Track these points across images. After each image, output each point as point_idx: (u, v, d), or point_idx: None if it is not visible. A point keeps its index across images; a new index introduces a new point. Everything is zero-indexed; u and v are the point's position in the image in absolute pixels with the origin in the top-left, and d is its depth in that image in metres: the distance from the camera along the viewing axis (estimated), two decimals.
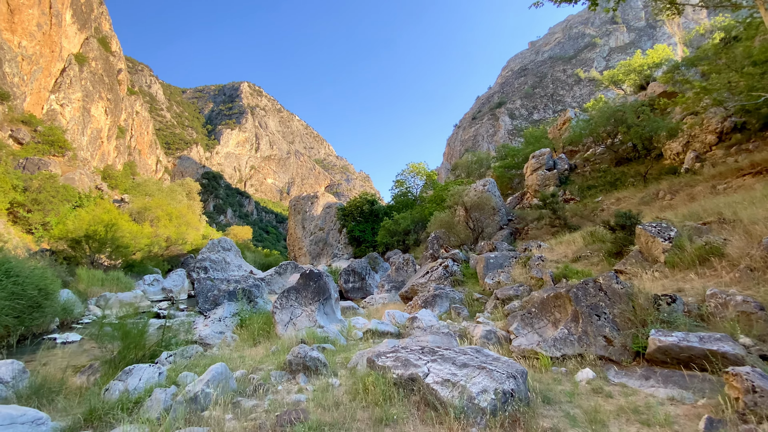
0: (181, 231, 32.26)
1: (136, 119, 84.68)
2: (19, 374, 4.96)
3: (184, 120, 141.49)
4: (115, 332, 6.28)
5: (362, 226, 41.08)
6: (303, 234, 48.34)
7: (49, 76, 45.29)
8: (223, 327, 9.59)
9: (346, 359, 5.21)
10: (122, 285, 19.54)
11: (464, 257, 11.61)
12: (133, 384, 4.40)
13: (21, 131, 32.31)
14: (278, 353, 5.64)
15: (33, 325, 10.74)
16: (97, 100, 58.10)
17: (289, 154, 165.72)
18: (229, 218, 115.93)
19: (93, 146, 56.43)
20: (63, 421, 3.93)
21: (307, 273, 8.35)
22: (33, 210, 24.07)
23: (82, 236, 21.03)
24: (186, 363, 5.02)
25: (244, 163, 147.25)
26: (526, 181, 21.83)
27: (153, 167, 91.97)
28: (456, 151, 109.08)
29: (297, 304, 8.05)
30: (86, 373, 6.20)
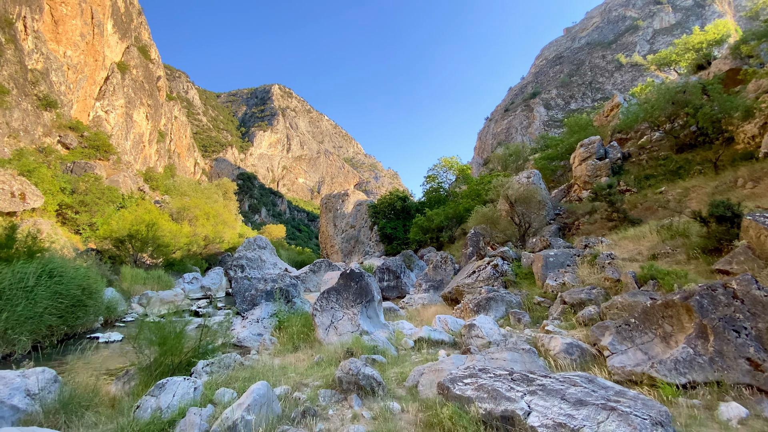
0: (218, 230, 32.88)
1: (174, 124, 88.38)
2: (48, 384, 4.59)
3: (219, 123, 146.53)
4: (153, 337, 5.88)
5: (393, 224, 40.37)
6: (335, 232, 48.33)
7: (94, 84, 47.72)
8: (261, 329, 9.16)
9: (401, 375, 4.48)
10: (163, 283, 19.87)
11: (515, 255, 10.59)
12: (166, 401, 3.88)
13: (68, 137, 34.11)
14: (323, 365, 5.00)
15: (77, 324, 10.80)
16: (139, 106, 60.86)
17: (318, 153, 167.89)
18: (263, 217, 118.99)
19: (136, 150, 59.23)
20: None
21: (347, 273, 7.71)
22: (80, 211, 25.17)
23: (125, 236, 21.65)
24: (224, 376, 4.47)
25: (276, 163, 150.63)
26: (574, 173, 20.23)
27: (191, 170, 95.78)
28: (487, 144, 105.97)
29: (338, 306, 7.43)
30: (122, 379, 5.85)
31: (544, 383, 2.73)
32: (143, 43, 70.74)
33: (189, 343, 6.47)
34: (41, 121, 32.50)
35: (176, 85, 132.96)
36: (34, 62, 35.43)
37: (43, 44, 37.39)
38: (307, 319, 8.78)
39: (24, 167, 22.92)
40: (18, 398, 4.10)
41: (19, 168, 22.45)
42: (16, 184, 20.00)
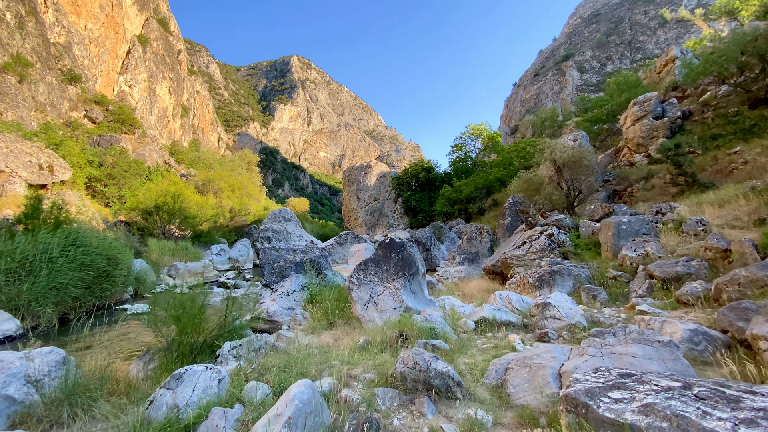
0: (243, 202, 32.70)
1: (197, 98, 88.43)
2: (55, 368, 3.93)
3: (240, 98, 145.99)
4: (170, 312, 5.17)
5: (418, 195, 39.11)
6: (358, 205, 47.61)
7: (116, 58, 47.48)
8: (291, 302, 8.47)
9: (474, 368, 3.53)
10: (191, 255, 19.75)
11: (572, 224, 9.33)
12: (184, 396, 3.10)
13: (94, 111, 34.14)
14: (372, 351, 4.12)
15: (104, 295, 10.47)
16: (161, 79, 60.65)
17: (339, 126, 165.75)
18: (286, 191, 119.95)
19: (161, 125, 59.59)
20: None
21: (387, 243, 6.75)
22: (108, 184, 25.28)
23: (152, 207, 21.55)
24: (254, 363, 3.65)
25: (297, 137, 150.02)
26: (624, 135, 18.24)
27: (215, 144, 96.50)
28: (515, 112, 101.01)
29: (377, 279, 6.53)
30: (143, 359, 5.21)
31: (756, 403, 1.68)
32: (162, 15, 69.78)
33: (213, 318, 5.78)
34: (67, 95, 32.53)
35: (197, 60, 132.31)
36: (56, 36, 35.17)
37: (63, 17, 36.97)
38: (341, 293, 7.99)
39: (51, 140, 22.93)
40: (15, 387, 3.43)
41: (46, 141, 22.46)
42: (43, 157, 19.97)
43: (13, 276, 8.71)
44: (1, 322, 7.21)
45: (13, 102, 24.48)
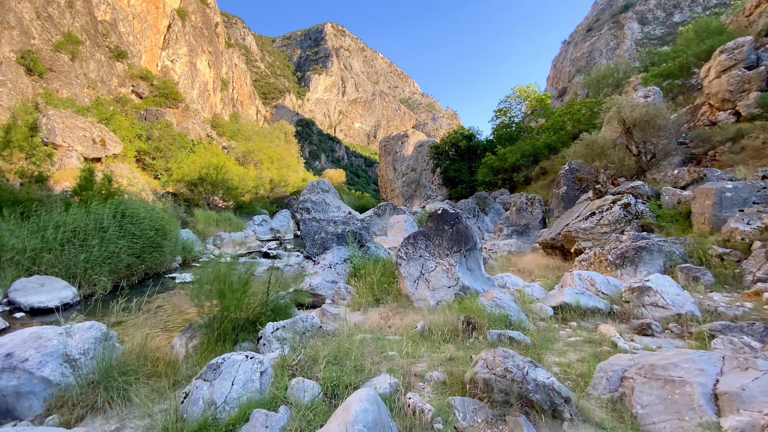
0: (282, 173, 32.96)
1: (235, 71, 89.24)
2: (95, 345, 3.69)
3: (276, 69, 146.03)
4: (211, 286, 4.83)
5: (458, 165, 37.47)
6: (394, 175, 46.68)
7: (158, 33, 48.24)
8: (334, 275, 8.06)
9: (568, 370, 2.81)
10: (234, 225, 20.13)
11: (652, 192, 8.04)
12: (222, 391, 2.66)
13: (140, 86, 35.16)
14: (435, 341, 3.51)
15: (154, 264, 10.69)
16: (201, 53, 61.33)
17: (374, 95, 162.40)
18: (323, 163, 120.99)
19: (202, 99, 60.86)
20: None
21: (439, 214, 6.01)
22: (156, 157, 26.19)
23: (196, 179, 22.06)
24: (300, 352, 3.15)
25: (332, 108, 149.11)
26: (706, 89, 15.75)
27: (254, 117, 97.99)
28: (564, 73, 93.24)
29: (428, 254, 5.86)
30: (185, 335, 4.96)
31: None
32: None
33: (258, 288, 5.43)
34: (115, 71, 33.59)
35: (234, 32, 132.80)
36: (102, 13, 35.99)
37: None
38: (385, 267, 7.45)
39: (102, 115, 23.82)
40: (51, 367, 3.18)
41: (98, 116, 23.36)
42: (96, 131, 20.77)
43: (69, 245, 8.97)
44: (59, 290, 7.40)
45: (67, 79, 25.52)
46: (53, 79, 24.35)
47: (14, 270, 7.67)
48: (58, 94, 24.23)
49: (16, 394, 2.96)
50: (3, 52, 21.21)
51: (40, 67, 23.12)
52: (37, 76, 23.14)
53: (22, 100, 21.03)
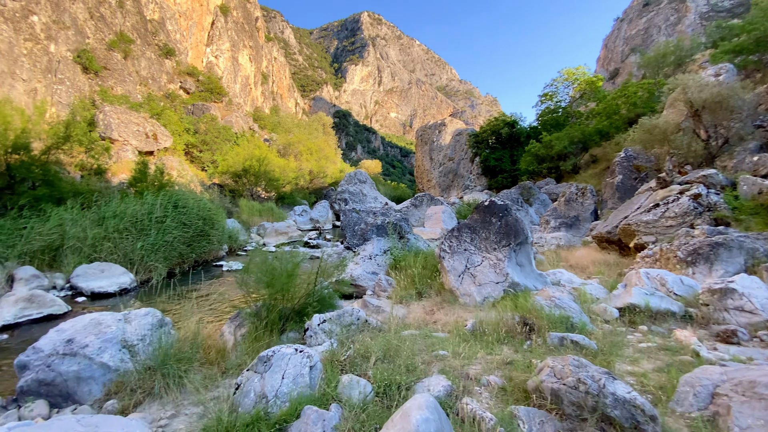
0: (321, 164, 33.47)
1: (275, 65, 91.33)
2: (151, 331, 3.83)
3: (314, 61, 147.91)
4: (262, 277, 4.89)
5: (498, 154, 36.13)
6: (431, 165, 45.96)
7: (203, 30, 50.21)
8: (374, 266, 8.00)
9: (643, 380, 2.51)
10: (276, 215, 20.71)
11: (726, 181, 7.20)
12: (272, 385, 2.64)
13: (187, 82, 36.88)
14: (486, 340, 3.30)
15: (203, 252, 11.16)
16: (242, 48, 63.24)
17: (410, 84, 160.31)
18: (359, 154, 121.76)
19: (244, 93, 62.95)
20: None
21: (486, 206, 5.71)
22: (203, 150, 27.47)
23: (240, 170, 22.87)
24: (349, 348, 3.08)
25: (368, 98, 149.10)
26: None
27: (293, 110, 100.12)
28: (616, 53, 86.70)
29: (474, 248, 5.60)
30: (234, 322, 5.09)
31: None
32: None
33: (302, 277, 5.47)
34: (164, 68, 35.43)
35: (273, 26, 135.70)
36: (150, 12, 37.93)
37: None
38: (426, 259, 7.27)
39: (153, 111, 25.26)
40: (110, 353, 3.32)
41: (149, 112, 24.79)
42: (148, 126, 22.06)
43: (127, 234, 9.56)
44: (117, 276, 7.91)
45: (121, 77, 27.25)
46: (108, 77, 26.10)
47: (76, 257, 8.26)
48: (112, 91, 25.95)
49: (77, 379, 3.11)
50: (60, 52, 22.96)
51: (95, 66, 24.82)
52: (93, 74, 24.87)
53: (80, 97, 22.74)
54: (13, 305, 5.54)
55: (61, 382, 3.06)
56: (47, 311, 5.80)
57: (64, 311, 6.10)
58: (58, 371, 3.07)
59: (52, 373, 3.06)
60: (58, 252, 8.28)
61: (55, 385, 3.06)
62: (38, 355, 3.16)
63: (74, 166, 15.02)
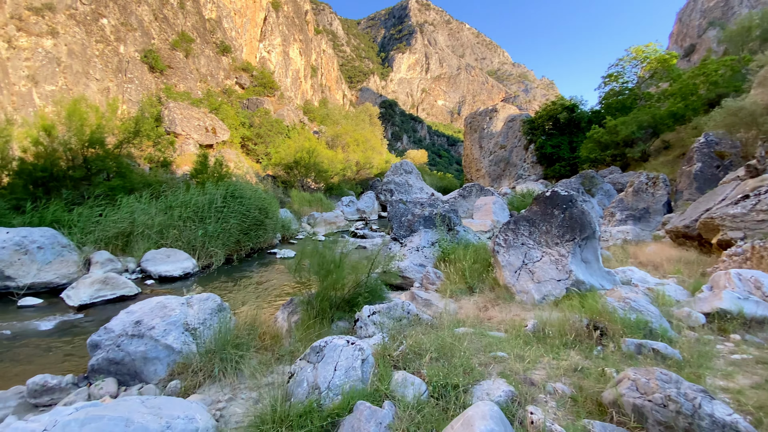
0: (367, 155, 33.71)
1: (323, 57, 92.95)
2: (211, 315, 4.02)
3: (361, 52, 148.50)
4: (318, 273, 4.96)
5: (556, 140, 33.93)
6: (480, 154, 44.40)
7: (256, 26, 52.19)
8: (422, 258, 7.85)
9: (740, 399, 2.14)
10: (325, 205, 21.23)
11: None
12: (325, 376, 2.62)
13: (242, 77, 38.70)
14: (551, 343, 3.03)
15: (258, 240, 11.67)
16: (293, 42, 64.99)
17: (459, 69, 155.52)
18: (404, 144, 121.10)
19: (294, 86, 64.87)
20: None
21: (547, 196, 5.30)
22: (258, 143, 28.78)
23: (291, 162, 23.67)
24: (401, 343, 2.98)
25: (415, 87, 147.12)
26: None
27: (340, 101, 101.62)
28: (692, 27, 77.33)
29: (533, 242, 5.24)
30: (287, 309, 5.23)
31: None
32: None
33: (352, 267, 5.49)
34: (221, 65, 37.42)
35: (321, 19, 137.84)
36: (208, 12, 40.08)
37: None
38: (477, 253, 6.97)
39: (212, 106, 26.83)
40: (174, 335, 3.51)
41: (208, 107, 26.36)
42: (208, 121, 23.47)
43: (190, 222, 10.24)
44: (181, 261, 8.50)
45: (183, 74, 29.20)
46: (171, 75, 28.08)
47: (146, 242, 8.98)
48: (176, 88, 27.89)
49: (144, 359, 3.32)
50: (129, 52, 25.01)
51: (160, 65, 26.79)
52: (158, 72, 26.89)
53: (147, 94, 24.71)
54: (89, 287, 6.12)
55: (130, 362, 3.29)
56: (120, 292, 6.35)
57: (135, 293, 6.65)
58: (127, 351, 3.30)
59: (122, 352, 3.29)
60: (130, 238, 9.05)
61: (123, 364, 3.29)
62: (109, 335, 3.41)
63: (143, 158, 16.37)
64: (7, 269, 6.25)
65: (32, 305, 6.10)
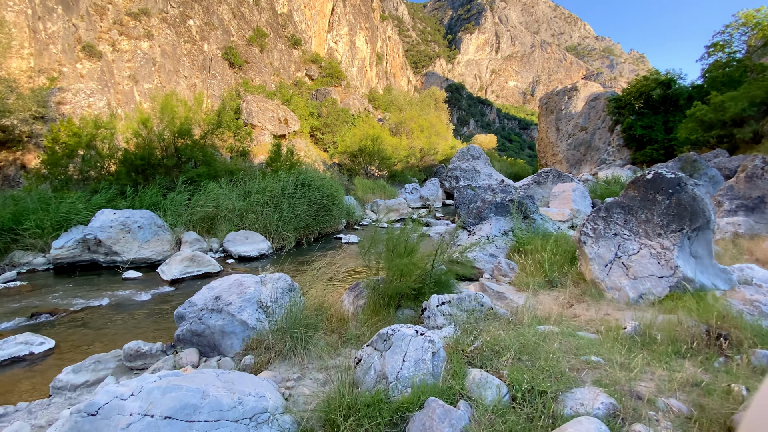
0: (432, 141, 33.03)
1: (388, 44, 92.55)
2: (282, 294, 4.12)
3: (427, 35, 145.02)
4: (384, 252, 4.87)
5: (647, 120, 29.94)
6: (557, 137, 40.97)
7: (324, 18, 53.48)
8: (492, 248, 7.38)
9: None
10: (388, 193, 21.28)
11: None
12: (393, 366, 2.47)
13: (311, 69, 40.03)
14: (659, 351, 2.54)
15: (325, 225, 12.05)
16: (359, 30, 65.56)
17: (533, 47, 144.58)
18: (471, 129, 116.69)
19: (360, 75, 65.67)
20: (294, 414, 2.39)
21: (649, 179, 4.55)
22: (325, 132, 29.71)
23: (356, 150, 24.04)
24: (476, 338, 2.72)
25: (484, 68, 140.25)
26: None
27: (405, 88, 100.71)
28: None
29: (628, 232, 4.55)
30: (353, 292, 5.24)
31: None
32: None
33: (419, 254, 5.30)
34: (292, 58, 39.07)
35: (387, 5, 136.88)
36: (281, 6, 41.88)
37: None
38: (558, 243, 6.35)
39: (284, 98, 28.17)
40: (248, 312, 3.64)
41: (281, 99, 27.74)
42: (280, 112, 24.72)
43: (266, 207, 10.87)
44: (258, 243, 9.06)
45: (258, 69, 31.03)
46: (248, 70, 29.98)
47: (227, 225, 9.72)
48: (252, 82, 29.73)
49: (222, 333, 3.49)
50: (212, 50, 27.09)
51: (238, 60, 28.72)
52: (237, 68, 28.86)
53: (228, 89, 26.67)
54: (179, 263, 6.75)
55: (209, 335, 3.48)
56: (205, 269, 6.92)
57: (218, 270, 7.21)
58: (207, 324, 3.49)
59: (203, 325, 3.50)
60: (214, 221, 9.87)
61: (204, 336, 3.49)
62: (192, 308, 3.65)
63: (225, 148, 17.75)
64: (115, 245, 7.15)
65: (134, 278, 6.92)
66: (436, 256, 4.49)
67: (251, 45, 31.24)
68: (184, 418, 2.07)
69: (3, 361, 4.10)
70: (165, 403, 2.08)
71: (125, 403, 2.11)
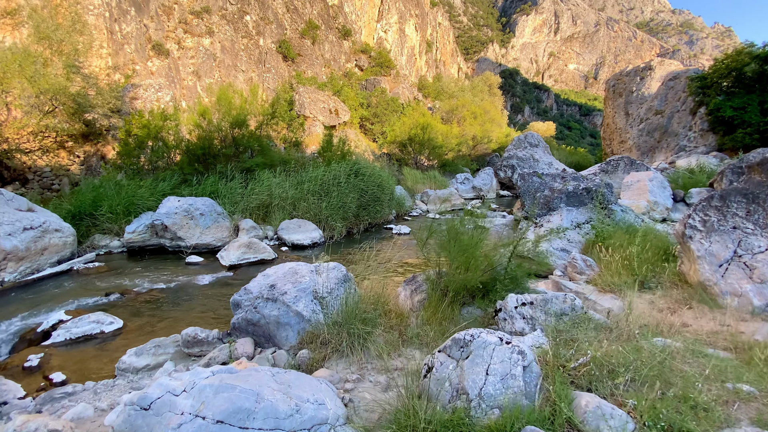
0: (485, 129, 31.54)
1: (439, 31, 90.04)
2: (337, 285, 3.85)
3: (479, 20, 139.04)
4: (447, 244, 4.43)
5: (739, 100, 26.03)
6: (626, 123, 37.18)
7: (374, 7, 53.06)
8: (564, 242, 6.63)
9: None
10: (438, 183, 20.60)
11: None
12: (474, 381, 2.05)
13: (361, 59, 39.89)
14: None
15: (376, 216, 11.83)
16: (408, 18, 64.32)
17: (597, 26, 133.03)
18: (526, 117, 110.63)
19: (410, 64, 64.59)
20: None
21: None
22: (374, 122, 29.48)
23: (406, 140, 23.52)
24: (578, 353, 2.21)
25: (541, 51, 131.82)
26: None
27: (455, 75, 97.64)
28: None
29: (753, 226, 3.69)
30: (410, 286, 4.85)
31: None
32: None
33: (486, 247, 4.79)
34: (343, 49, 39.18)
35: None
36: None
37: None
38: (646, 238, 5.47)
39: (334, 89, 28.30)
40: (303, 303, 3.41)
41: (331, 90, 27.90)
42: (331, 103, 24.85)
43: (318, 196, 10.84)
44: (310, 231, 9.01)
45: (310, 61, 31.43)
46: (301, 62, 30.47)
47: (281, 213, 9.78)
48: (304, 74, 30.20)
49: (277, 324, 3.28)
50: (267, 44, 27.78)
51: (291, 53, 29.26)
52: (290, 61, 29.43)
53: (282, 82, 27.28)
54: (236, 249, 6.82)
55: (264, 325, 3.30)
56: (260, 256, 6.94)
57: (273, 257, 7.21)
58: (262, 314, 3.31)
59: (258, 314, 3.32)
60: (269, 209, 9.99)
61: (259, 326, 3.31)
62: (248, 296, 3.49)
63: (279, 139, 18.14)
64: (179, 231, 7.41)
65: (196, 263, 7.12)
66: (514, 247, 3.94)
67: (303, 38, 31.74)
68: (237, 423, 1.83)
69: (78, 338, 4.28)
70: (217, 404, 1.86)
71: (177, 400, 1.92)
